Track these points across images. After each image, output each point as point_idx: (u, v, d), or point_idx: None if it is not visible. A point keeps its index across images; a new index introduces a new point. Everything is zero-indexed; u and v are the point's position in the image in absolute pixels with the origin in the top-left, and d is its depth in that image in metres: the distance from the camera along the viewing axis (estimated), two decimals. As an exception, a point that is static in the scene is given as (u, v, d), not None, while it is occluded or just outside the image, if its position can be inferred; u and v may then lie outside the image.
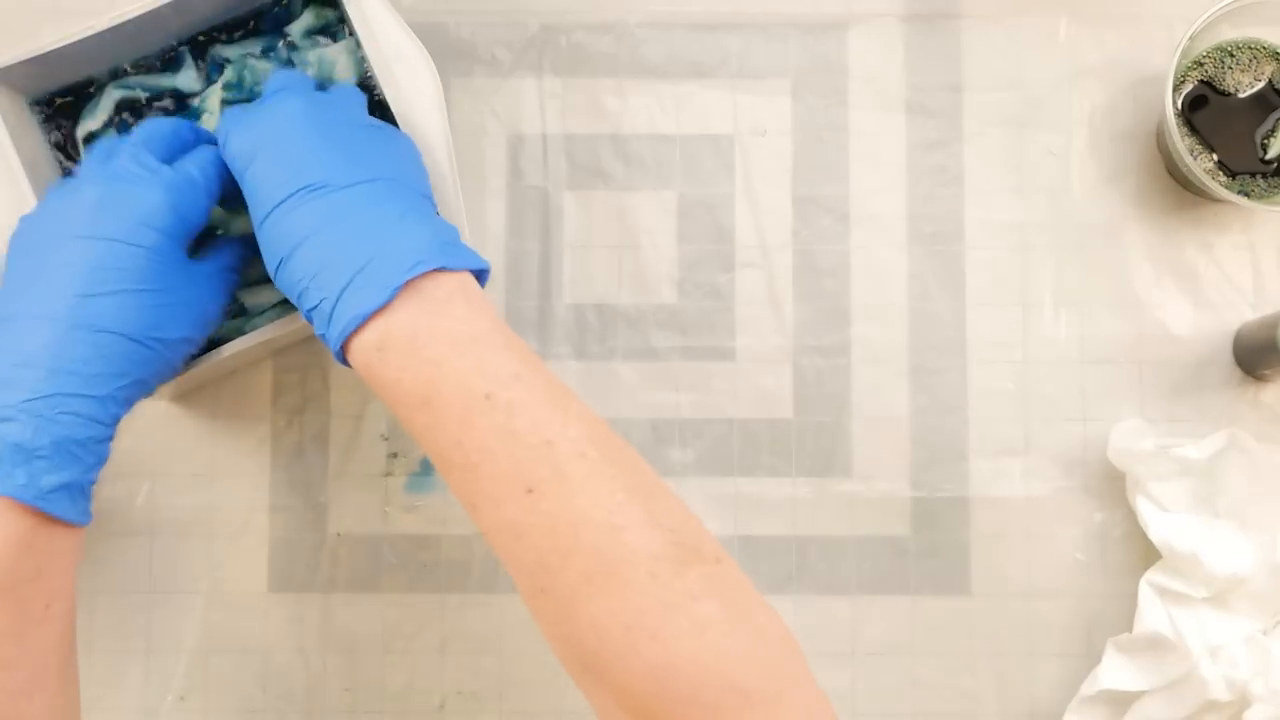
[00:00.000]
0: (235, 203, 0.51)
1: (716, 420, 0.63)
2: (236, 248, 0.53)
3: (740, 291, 0.63)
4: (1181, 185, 0.63)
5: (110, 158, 0.50)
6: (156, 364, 0.48)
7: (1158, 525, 0.59)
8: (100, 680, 0.61)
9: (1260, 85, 0.60)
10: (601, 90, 0.64)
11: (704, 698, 0.40)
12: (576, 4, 0.64)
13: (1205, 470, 0.59)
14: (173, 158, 0.50)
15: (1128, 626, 0.60)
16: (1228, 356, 0.63)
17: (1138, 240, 0.63)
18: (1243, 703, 0.56)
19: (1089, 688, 0.59)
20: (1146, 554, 0.60)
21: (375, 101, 0.57)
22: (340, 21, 0.59)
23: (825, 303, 0.63)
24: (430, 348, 0.44)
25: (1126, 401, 0.62)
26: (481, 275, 0.47)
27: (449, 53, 0.64)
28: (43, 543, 0.46)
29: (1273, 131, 0.60)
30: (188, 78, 0.58)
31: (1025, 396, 0.62)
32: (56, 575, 0.47)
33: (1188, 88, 0.60)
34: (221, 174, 0.51)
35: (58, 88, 0.58)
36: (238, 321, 0.57)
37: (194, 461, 0.62)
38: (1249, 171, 0.60)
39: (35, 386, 0.45)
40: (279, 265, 0.46)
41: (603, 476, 0.43)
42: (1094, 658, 0.60)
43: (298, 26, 0.59)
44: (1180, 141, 0.58)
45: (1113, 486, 0.62)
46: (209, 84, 0.58)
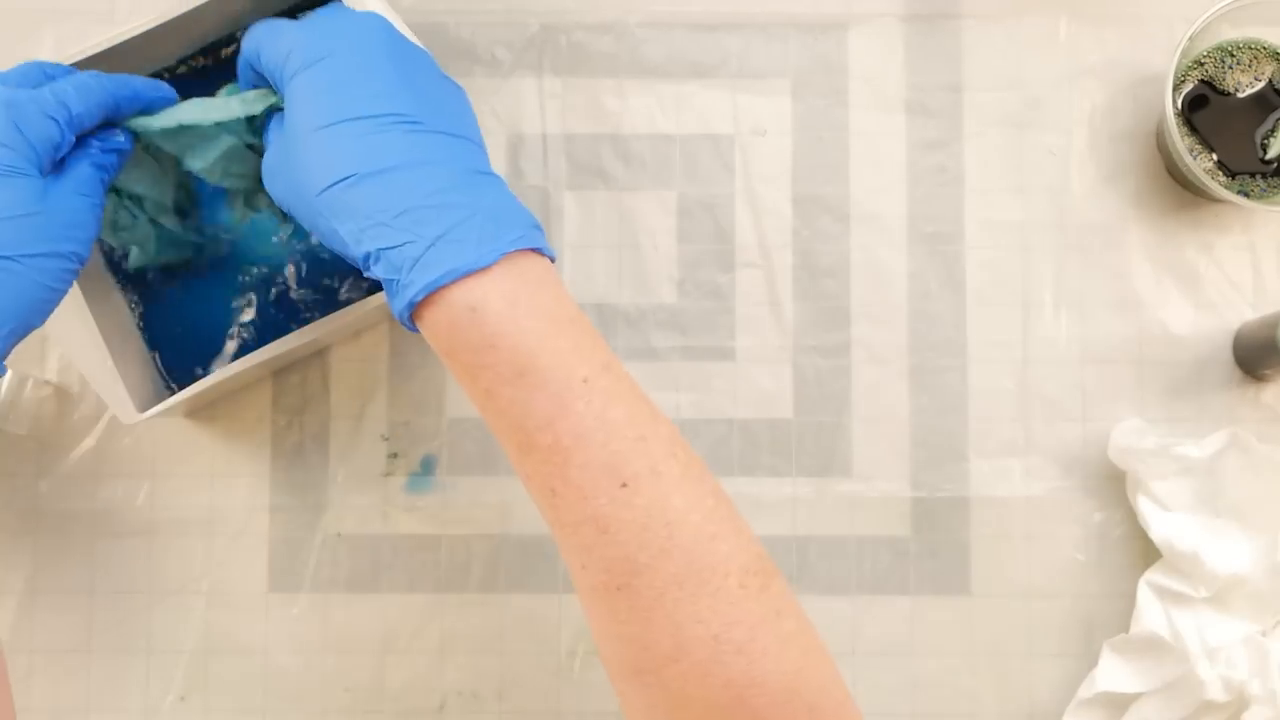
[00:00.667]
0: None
1: (716, 420, 0.63)
2: (107, 153, 0.49)
3: (740, 291, 0.63)
4: (1181, 185, 0.63)
5: None
6: (18, 287, 0.44)
7: (1159, 524, 0.59)
8: (100, 680, 0.61)
9: (1260, 85, 0.60)
10: (601, 90, 0.64)
11: (780, 713, 0.40)
12: (576, 4, 0.64)
13: (1206, 469, 0.59)
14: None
15: (1127, 626, 0.60)
16: (1228, 356, 0.63)
17: (1138, 240, 0.63)
18: (1241, 704, 0.56)
19: (1086, 690, 0.59)
20: (1146, 554, 0.61)
21: None
22: None
23: (825, 303, 0.63)
24: (530, 319, 0.41)
25: (1126, 401, 0.62)
26: None
27: (449, 53, 0.64)
28: None
29: (1273, 131, 0.60)
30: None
31: (1025, 396, 0.62)
32: None
33: (1188, 88, 0.60)
34: (88, 95, 0.47)
35: None
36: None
37: (194, 461, 0.62)
38: (1249, 171, 0.60)
39: None
40: (343, 181, 0.42)
41: (693, 479, 0.41)
42: (1093, 658, 0.60)
43: None
44: (1180, 141, 0.58)
45: (1113, 486, 0.62)
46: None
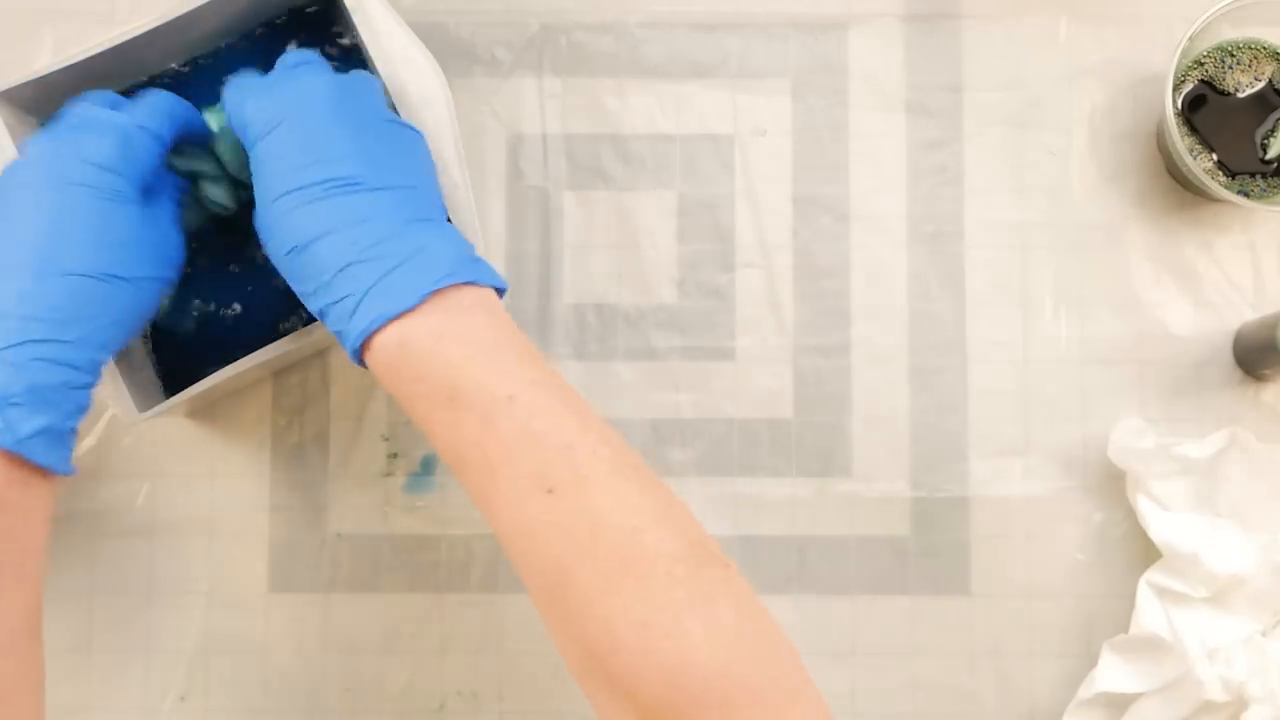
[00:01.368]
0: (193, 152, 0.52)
1: (716, 420, 0.63)
2: (174, 181, 0.53)
3: (740, 291, 0.63)
4: (1181, 185, 0.63)
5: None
6: (127, 303, 0.48)
7: (1159, 524, 0.59)
8: (100, 680, 0.61)
9: (1260, 85, 0.60)
10: (601, 90, 0.64)
11: (716, 698, 0.40)
12: (576, 4, 0.64)
13: (1206, 469, 0.59)
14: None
15: (1127, 626, 0.60)
16: (1228, 356, 0.63)
17: (1138, 240, 0.63)
18: (1240, 704, 0.56)
19: (1086, 690, 0.59)
20: (1146, 554, 0.61)
21: None
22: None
23: (825, 303, 0.63)
24: (454, 349, 0.44)
25: (1126, 401, 0.62)
26: (501, 293, 0.48)
27: (449, 53, 0.64)
28: (18, 496, 0.45)
29: (1272, 131, 0.60)
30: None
31: (1025, 396, 0.62)
32: (30, 534, 0.46)
33: (1188, 88, 0.60)
34: (171, 112, 0.51)
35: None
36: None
37: (194, 462, 0.62)
38: (1249, 171, 0.60)
39: (6, 336, 0.45)
40: (293, 250, 0.46)
41: (620, 478, 0.43)
42: (1093, 658, 0.60)
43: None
44: (1180, 141, 0.58)
45: (1113, 486, 0.62)
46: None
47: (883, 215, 0.63)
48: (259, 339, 0.56)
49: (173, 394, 0.56)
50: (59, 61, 0.54)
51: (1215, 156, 0.60)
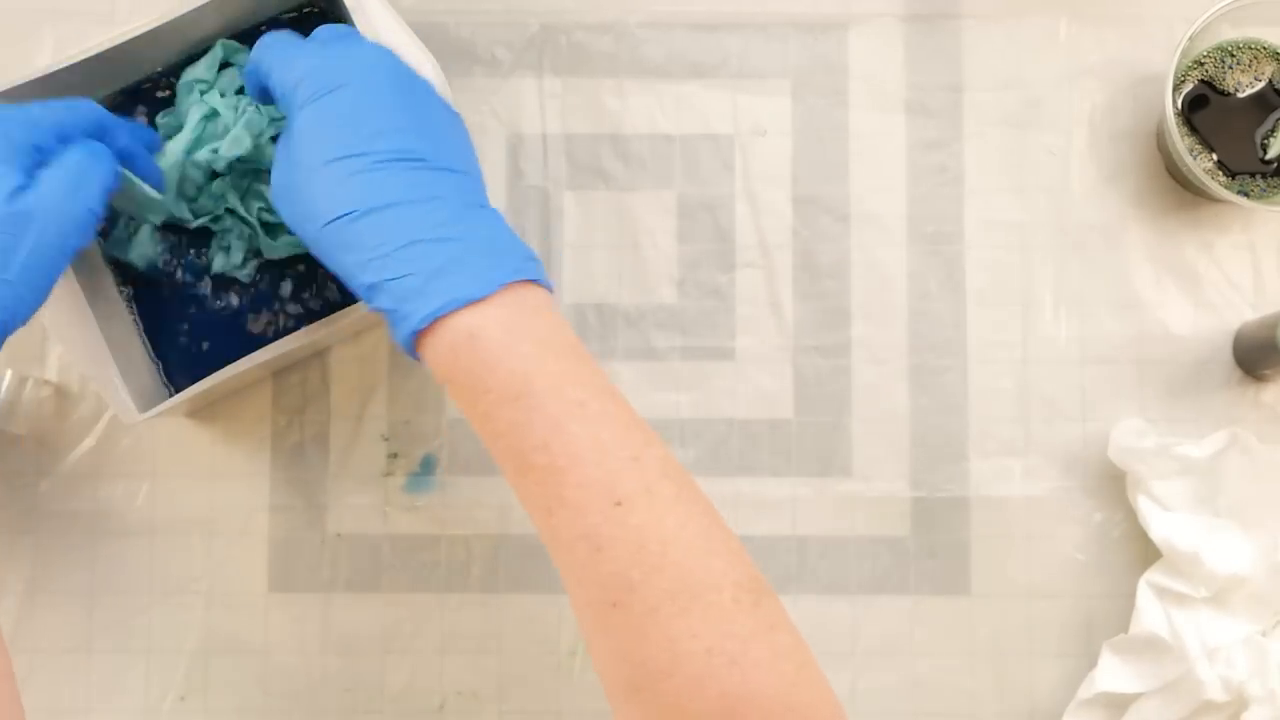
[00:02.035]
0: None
1: (716, 420, 0.63)
2: (99, 143, 0.49)
3: (740, 291, 0.63)
4: (1181, 185, 0.63)
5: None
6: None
7: (1159, 524, 0.59)
8: (100, 680, 0.61)
9: (1260, 85, 0.60)
10: (601, 90, 0.64)
11: None
12: (576, 4, 0.64)
13: (1207, 469, 0.59)
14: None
15: (1127, 626, 0.60)
16: (1228, 356, 0.63)
17: (1138, 240, 0.63)
18: (1240, 704, 0.56)
19: (1086, 690, 0.59)
20: (1146, 554, 0.60)
21: None
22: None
23: (825, 303, 0.63)
24: (527, 345, 0.43)
25: (1126, 401, 0.62)
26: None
27: (449, 53, 0.64)
28: None
29: (1273, 131, 0.60)
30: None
31: (1025, 396, 0.62)
32: None
33: (1188, 88, 0.60)
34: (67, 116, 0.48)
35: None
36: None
37: (194, 461, 0.62)
38: (1249, 171, 0.60)
39: None
40: (348, 216, 0.43)
41: (686, 499, 0.42)
42: (1093, 658, 0.60)
43: None
44: (1180, 141, 0.58)
45: (1113, 486, 0.62)
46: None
47: (883, 215, 0.63)
48: (259, 339, 0.56)
49: (173, 394, 0.56)
50: (59, 61, 0.54)
51: (1215, 156, 0.60)
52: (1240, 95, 0.60)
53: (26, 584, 0.61)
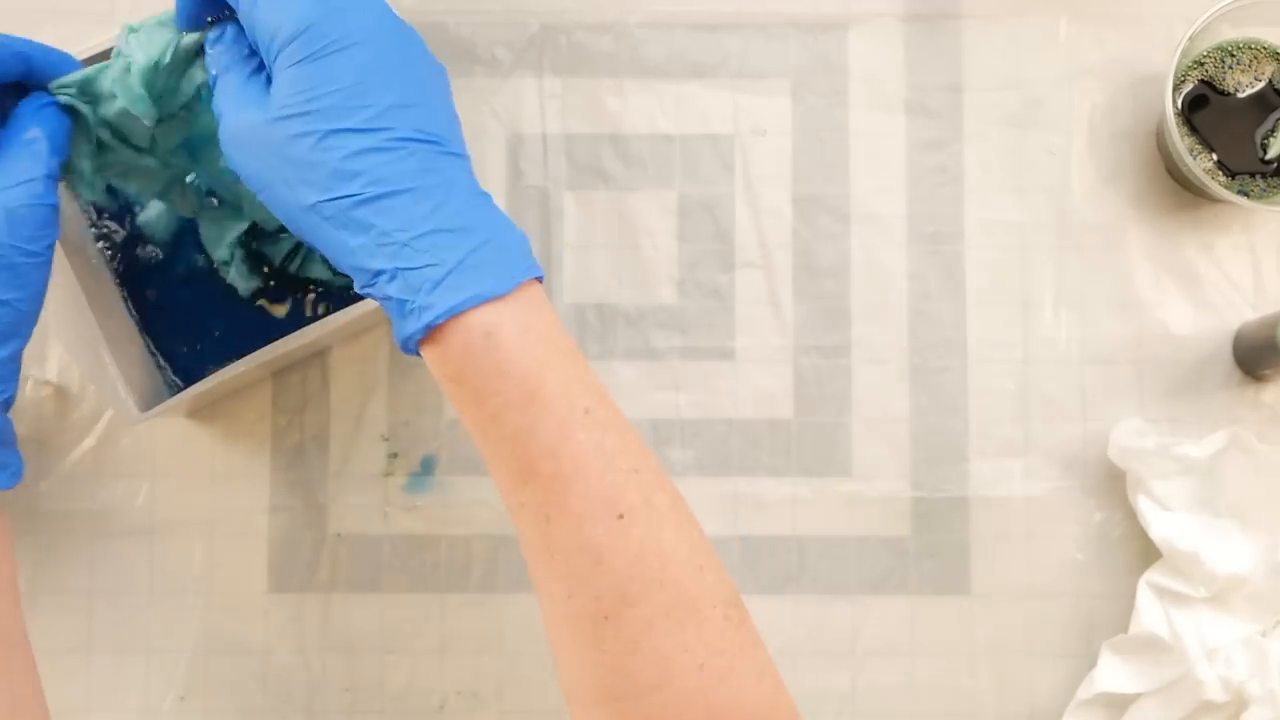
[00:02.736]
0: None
1: (716, 420, 0.63)
2: (43, 117, 0.47)
3: (740, 291, 0.63)
4: (1181, 185, 0.63)
5: None
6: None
7: (1159, 524, 0.59)
8: (100, 680, 0.61)
9: (1260, 85, 0.60)
10: (601, 90, 0.64)
11: None
12: (576, 4, 0.64)
13: (1207, 469, 0.59)
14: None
15: (1127, 626, 0.60)
16: (1228, 356, 0.63)
17: (1138, 240, 0.63)
18: (1240, 704, 0.56)
19: (1085, 691, 0.59)
20: (1146, 554, 0.60)
21: None
22: None
23: (825, 303, 0.63)
24: (540, 347, 0.41)
25: (1126, 401, 0.62)
26: None
27: (449, 52, 0.64)
28: None
29: (1273, 131, 0.60)
30: None
31: (1025, 396, 0.62)
32: None
33: (1188, 88, 0.60)
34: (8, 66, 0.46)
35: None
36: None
37: (194, 461, 0.62)
38: (1249, 171, 0.60)
39: None
40: (359, 195, 0.41)
41: (682, 512, 0.42)
42: (1093, 658, 0.60)
43: None
44: (1180, 141, 0.58)
45: (1113, 486, 0.62)
46: None
47: (883, 215, 0.63)
48: (260, 338, 0.56)
49: (173, 394, 0.56)
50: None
51: (1215, 156, 0.60)
52: (1240, 95, 0.60)
53: (26, 584, 0.61)
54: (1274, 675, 0.56)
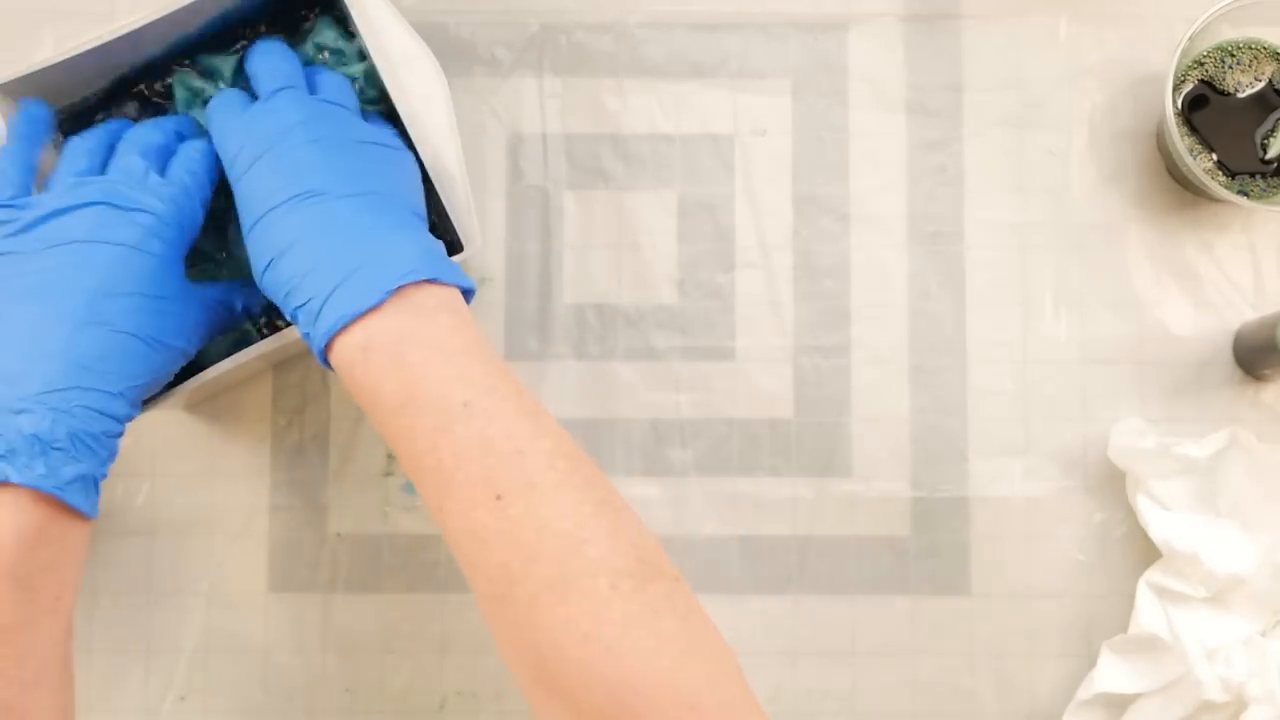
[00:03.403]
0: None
1: (716, 420, 0.63)
2: (237, 289, 0.55)
3: (740, 291, 0.63)
4: (1181, 185, 0.63)
5: (101, 165, 0.52)
6: (159, 367, 0.50)
7: (1159, 524, 0.59)
8: (100, 680, 0.61)
9: (1260, 85, 0.60)
10: (601, 90, 0.64)
11: (659, 714, 0.40)
12: (576, 4, 0.64)
13: (1207, 469, 0.59)
14: (162, 162, 0.52)
15: (1127, 626, 0.60)
16: (1228, 356, 0.63)
17: (1138, 240, 0.63)
18: (1239, 704, 0.56)
19: (1085, 691, 0.59)
20: (1146, 554, 0.60)
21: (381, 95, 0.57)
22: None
23: (825, 303, 0.63)
24: (415, 352, 0.44)
25: (1126, 401, 0.62)
26: (468, 294, 0.48)
27: (449, 52, 0.64)
28: (57, 534, 0.46)
29: (1273, 131, 0.60)
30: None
31: (1025, 396, 0.62)
32: (67, 567, 0.47)
33: (1188, 88, 0.60)
34: (210, 169, 0.52)
35: (68, 104, 0.57)
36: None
37: (194, 461, 0.62)
38: (1248, 171, 0.60)
39: (52, 379, 0.46)
40: (268, 266, 0.47)
41: (570, 488, 0.43)
42: (1093, 658, 0.60)
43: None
44: (1180, 141, 0.58)
45: (1113, 486, 0.62)
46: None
47: (883, 215, 0.63)
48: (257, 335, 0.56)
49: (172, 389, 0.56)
50: (60, 54, 0.54)
51: (1215, 156, 0.60)
52: (1240, 95, 0.60)
53: (26, 584, 0.61)
54: (1274, 675, 0.56)
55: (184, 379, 0.55)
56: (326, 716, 0.61)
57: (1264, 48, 0.60)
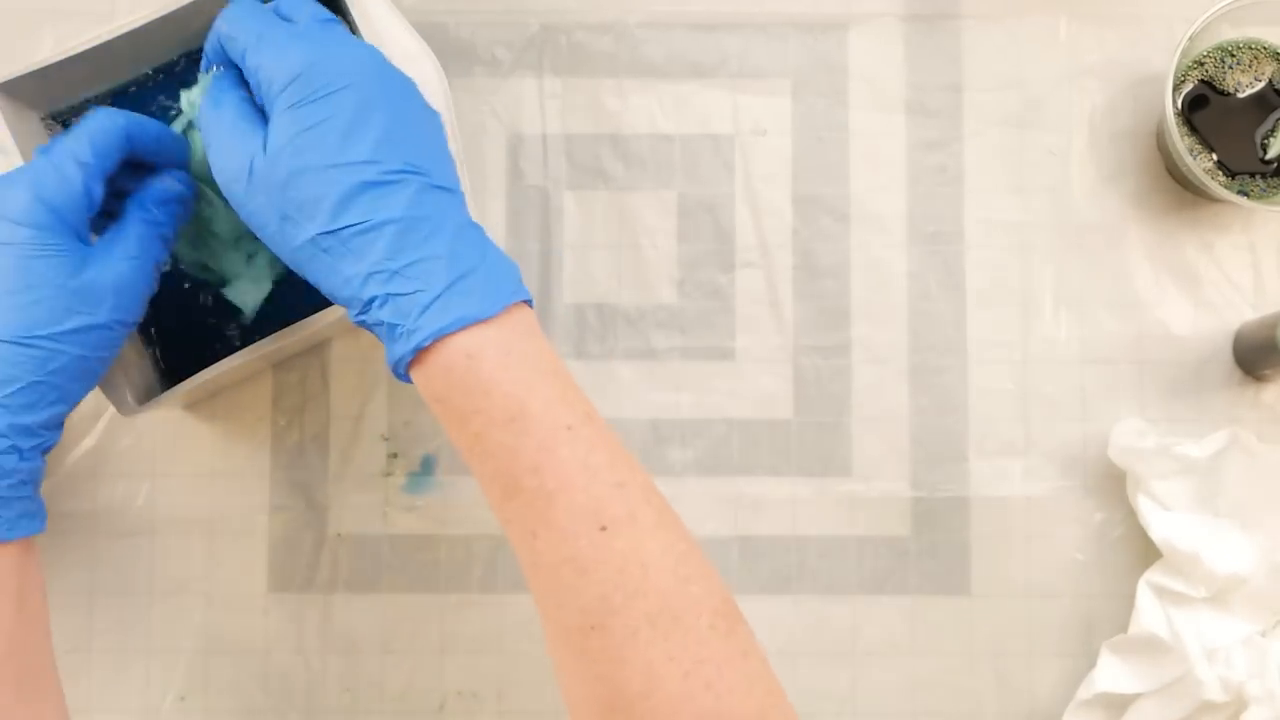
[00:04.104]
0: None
1: (716, 420, 0.63)
2: (164, 204, 0.50)
3: (740, 291, 0.63)
4: (1181, 185, 0.63)
5: None
6: (54, 363, 0.46)
7: (1159, 524, 0.59)
8: (100, 680, 0.61)
9: (1260, 85, 0.60)
10: (601, 90, 0.64)
11: None
12: (576, 4, 0.64)
13: (1207, 469, 0.59)
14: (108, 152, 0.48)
15: (1127, 626, 0.60)
16: (1228, 356, 0.63)
17: (1138, 240, 0.63)
18: (1239, 704, 0.56)
19: (1085, 691, 0.59)
20: (1146, 554, 0.61)
21: None
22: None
23: (825, 303, 0.63)
24: (522, 368, 0.43)
25: (1126, 401, 0.62)
26: None
27: (449, 52, 0.64)
28: (12, 563, 0.45)
29: (1273, 131, 0.60)
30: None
31: (1025, 396, 0.62)
32: (30, 577, 0.47)
33: (1188, 88, 0.60)
34: (112, 135, 0.47)
35: (67, 104, 0.57)
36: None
37: (194, 461, 0.62)
38: (1248, 171, 0.60)
39: None
40: (349, 228, 0.43)
41: (667, 525, 0.43)
42: (1093, 658, 0.60)
43: None
44: (1180, 141, 0.58)
45: (1113, 486, 0.62)
46: None
47: (883, 215, 0.63)
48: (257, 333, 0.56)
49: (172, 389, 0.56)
50: (60, 53, 0.54)
51: (1215, 156, 0.60)
52: (1240, 95, 0.60)
53: (26, 584, 0.61)
54: (1274, 675, 0.56)
55: (184, 379, 0.55)
56: (326, 716, 0.61)
57: (1264, 48, 0.60)
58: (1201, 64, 0.60)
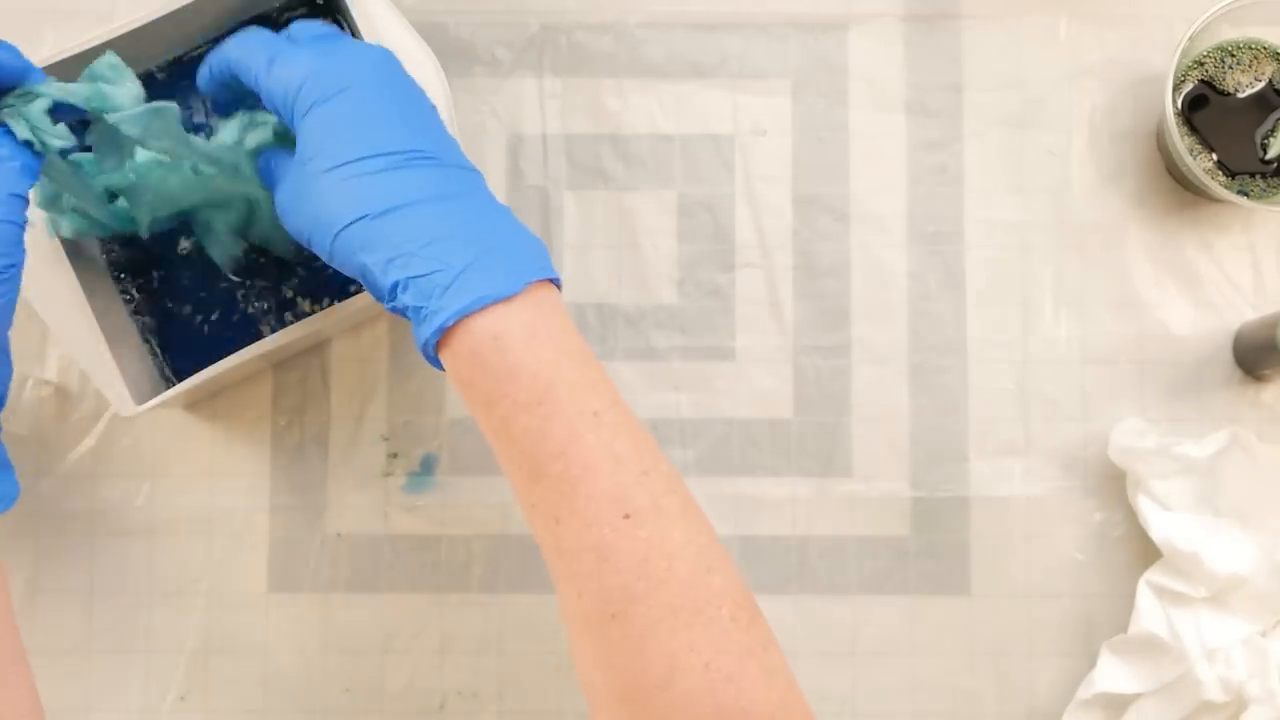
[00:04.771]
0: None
1: (716, 420, 0.63)
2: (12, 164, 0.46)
3: (740, 291, 0.63)
4: (1181, 185, 0.63)
5: None
6: None
7: (1159, 524, 0.59)
8: (100, 680, 0.61)
9: (1260, 85, 0.60)
10: (601, 90, 0.64)
11: None
12: (576, 4, 0.64)
13: (1207, 469, 0.59)
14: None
15: (1127, 626, 0.60)
16: (1228, 356, 0.63)
17: (1138, 240, 0.63)
18: (1239, 704, 0.56)
19: (1085, 691, 0.59)
20: (1146, 554, 0.61)
21: None
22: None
23: (825, 303, 0.63)
24: (548, 349, 0.42)
25: (1126, 401, 0.62)
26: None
27: (449, 53, 0.64)
28: None
29: (1273, 131, 0.60)
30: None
31: (1025, 396, 0.62)
32: None
33: (1188, 88, 0.60)
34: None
35: None
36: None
37: (194, 461, 0.62)
38: (1248, 171, 0.60)
39: None
40: (368, 217, 0.43)
41: (691, 515, 0.43)
42: (1093, 658, 0.60)
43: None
44: (1180, 141, 0.58)
45: (1113, 486, 0.62)
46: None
47: (883, 215, 0.63)
48: (256, 333, 0.56)
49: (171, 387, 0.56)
50: (60, 53, 0.54)
51: (1215, 156, 0.60)
52: (1240, 95, 0.60)
53: (26, 584, 0.61)
54: (1274, 675, 0.56)
55: (184, 379, 0.55)
56: (326, 716, 0.61)
57: (1264, 48, 0.60)
58: (1201, 64, 0.60)
